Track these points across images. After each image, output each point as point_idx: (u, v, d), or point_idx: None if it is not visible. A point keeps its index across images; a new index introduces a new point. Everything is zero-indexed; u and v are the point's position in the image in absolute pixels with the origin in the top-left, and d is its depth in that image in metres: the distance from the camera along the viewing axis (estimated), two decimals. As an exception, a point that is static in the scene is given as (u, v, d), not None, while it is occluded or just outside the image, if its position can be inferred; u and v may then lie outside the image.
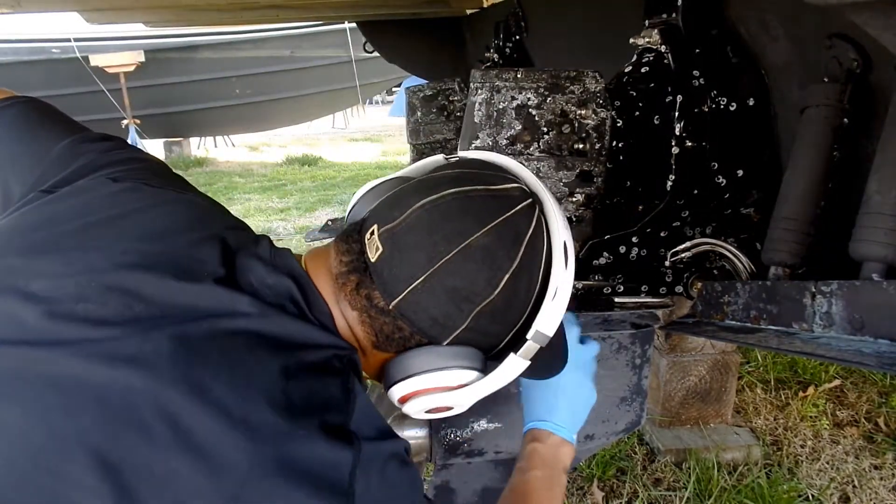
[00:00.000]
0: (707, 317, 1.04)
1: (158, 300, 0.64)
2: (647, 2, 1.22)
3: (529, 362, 0.75)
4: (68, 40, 6.70)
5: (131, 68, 6.76)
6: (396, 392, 0.76)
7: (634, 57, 1.24)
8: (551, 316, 0.74)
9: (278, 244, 0.77)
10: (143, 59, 6.85)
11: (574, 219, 1.13)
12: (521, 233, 0.71)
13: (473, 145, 1.08)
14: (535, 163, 1.08)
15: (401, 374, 0.74)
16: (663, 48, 1.18)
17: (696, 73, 1.13)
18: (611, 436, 1.21)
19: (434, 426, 1.12)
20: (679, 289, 1.16)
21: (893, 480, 2.11)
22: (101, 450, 0.56)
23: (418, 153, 2.80)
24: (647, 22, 1.22)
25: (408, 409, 0.77)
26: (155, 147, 8.24)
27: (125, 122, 6.85)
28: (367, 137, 11.23)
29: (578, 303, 1.15)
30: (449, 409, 0.78)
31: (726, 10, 1.12)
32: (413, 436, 1.11)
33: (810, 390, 2.58)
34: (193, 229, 0.74)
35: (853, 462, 2.19)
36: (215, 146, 9.85)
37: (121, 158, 0.83)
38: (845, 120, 0.90)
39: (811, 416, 2.43)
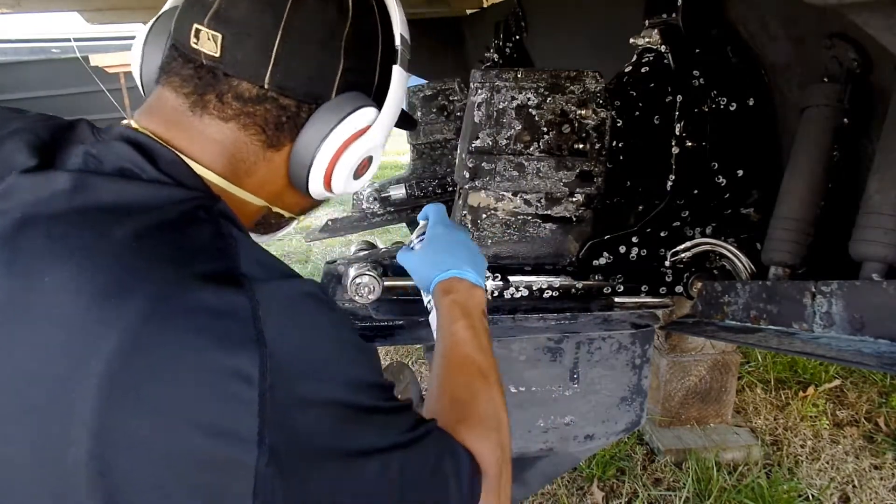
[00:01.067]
0: (707, 317, 1.04)
1: None
2: (647, 2, 1.22)
3: (411, 75, 0.74)
4: (68, 40, 6.71)
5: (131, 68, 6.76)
6: (317, 173, 0.70)
7: (634, 57, 1.24)
8: (402, 18, 0.74)
9: (278, 244, 0.75)
10: (142, 58, 6.85)
11: (574, 219, 1.13)
12: None
13: (473, 146, 1.08)
14: (535, 163, 1.08)
15: (311, 148, 0.69)
16: (663, 48, 1.18)
17: (696, 73, 1.13)
18: (611, 436, 1.21)
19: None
20: (679, 289, 1.16)
21: (893, 480, 2.11)
22: None
23: (418, 153, 2.80)
24: (647, 22, 1.22)
25: (337, 184, 0.72)
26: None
27: (125, 121, 6.85)
28: (367, 137, 11.19)
29: (579, 303, 1.15)
30: (368, 160, 0.75)
31: (726, 10, 1.12)
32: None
33: (810, 390, 2.58)
34: None
35: (853, 462, 2.19)
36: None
37: None
38: (845, 120, 0.90)
39: (811, 416, 2.43)
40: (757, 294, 0.93)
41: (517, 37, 2.35)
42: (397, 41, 0.73)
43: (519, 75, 1.06)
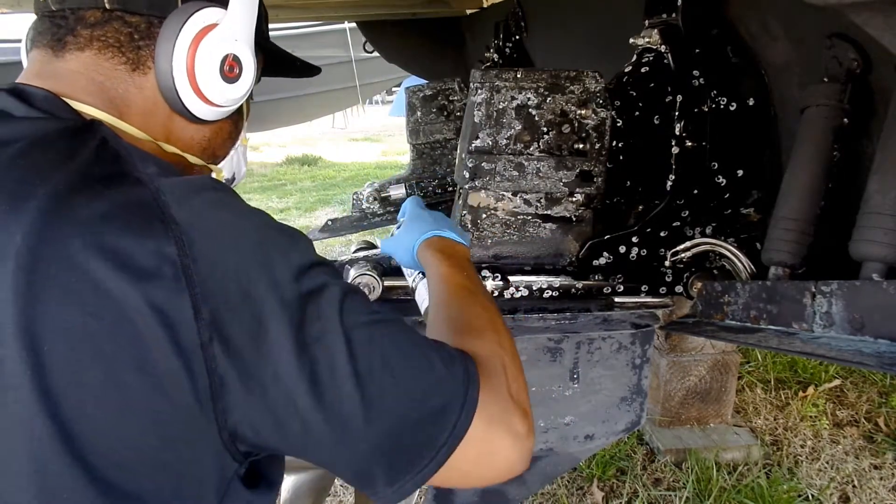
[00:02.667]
0: (707, 317, 1.04)
1: None
2: (647, 2, 1.22)
3: None
4: (68, 40, 6.69)
5: (131, 68, 6.76)
6: (181, 82, 0.68)
7: (634, 57, 1.24)
8: None
9: None
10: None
11: (574, 219, 1.13)
12: None
13: (473, 146, 1.08)
14: (535, 163, 1.08)
15: (167, 58, 0.67)
16: (663, 48, 1.18)
17: (696, 73, 1.13)
18: (611, 436, 1.21)
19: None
20: (679, 289, 1.16)
21: (893, 480, 2.11)
22: None
23: (418, 153, 2.80)
24: (647, 22, 1.22)
25: (211, 91, 0.69)
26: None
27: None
28: (367, 137, 11.24)
29: (579, 303, 1.15)
30: (237, 62, 0.71)
31: (726, 10, 1.12)
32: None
33: (810, 390, 2.58)
34: None
35: (853, 462, 2.19)
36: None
37: None
38: (845, 120, 0.90)
39: (811, 416, 2.43)
40: (757, 294, 0.93)
41: (517, 37, 2.35)
42: None
43: (519, 75, 1.06)
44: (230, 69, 0.71)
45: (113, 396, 0.50)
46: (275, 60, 0.86)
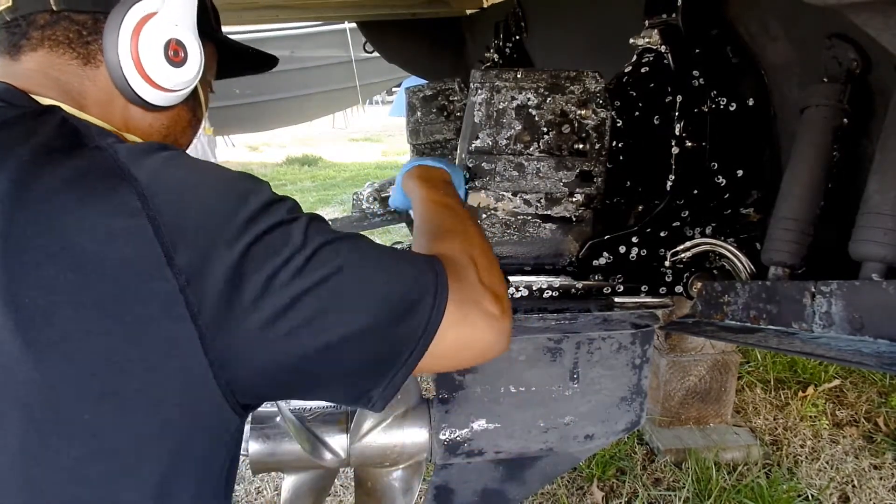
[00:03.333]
0: (707, 317, 1.04)
1: None
2: (647, 2, 1.22)
3: None
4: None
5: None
6: (129, 69, 0.71)
7: (634, 57, 1.24)
8: None
9: None
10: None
11: (574, 219, 1.13)
12: None
13: (473, 146, 1.08)
14: (535, 163, 1.08)
15: (113, 49, 0.70)
16: (663, 48, 1.18)
17: (696, 73, 1.13)
18: (611, 436, 1.21)
19: (434, 426, 1.12)
20: (679, 289, 1.16)
21: (893, 480, 2.11)
22: None
23: (418, 153, 2.80)
24: (647, 22, 1.22)
25: (159, 76, 0.72)
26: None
27: None
28: (367, 137, 11.24)
29: (579, 303, 1.15)
30: (178, 42, 0.73)
31: (726, 10, 1.12)
32: (413, 436, 1.11)
33: (810, 390, 2.58)
34: None
35: (853, 462, 2.19)
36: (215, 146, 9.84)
37: None
38: (845, 120, 0.90)
39: (811, 416, 2.43)
40: (757, 294, 0.93)
41: (517, 37, 2.35)
42: None
43: (519, 75, 1.06)
44: (175, 53, 0.73)
45: (96, 345, 0.52)
46: (230, 53, 0.89)
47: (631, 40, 1.24)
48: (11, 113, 0.62)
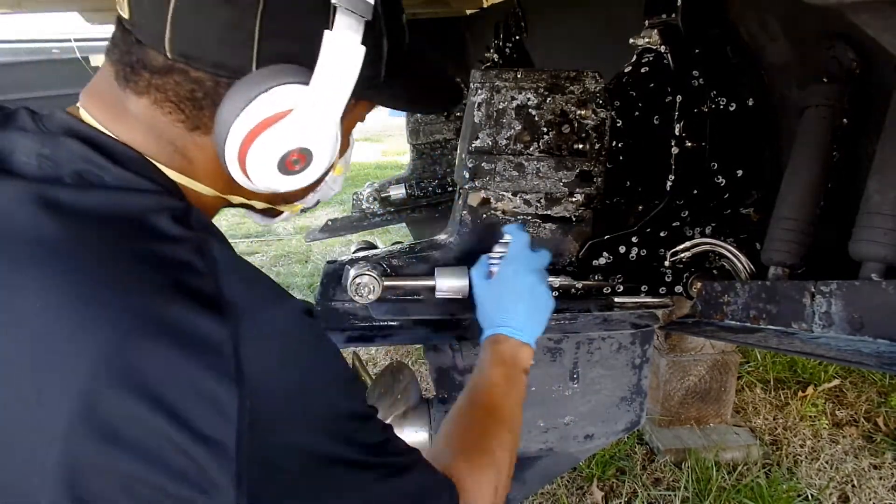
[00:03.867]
0: (707, 317, 1.04)
1: None
2: (647, 2, 1.22)
3: (364, 48, 0.58)
4: (68, 40, 6.69)
5: (131, 68, 6.75)
6: (230, 158, 0.59)
7: (634, 57, 1.24)
8: None
9: (278, 244, 0.71)
10: (142, 58, 6.85)
11: (574, 219, 1.13)
12: None
13: (473, 146, 1.08)
14: (535, 163, 1.09)
15: (221, 135, 0.58)
16: (663, 48, 1.18)
17: (696, 73, 1.13)
18: (611, 436, 1.21)
19: (434, 426, 1.12)
20: (679, 289, 1.16)
21: (892, 480, 2.11)
22: None
23: (418, 153, 2.80)
24: (647, 22, 1.22)
25: (255, 173, 0.60)
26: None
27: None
28: (367, 137, 11.23)
29: (579, 303, 1.15)
30: (305, 155, 0.61)
31: (726, 10, 1.12)
32: (413, 436, 1.11)
33: (809, 390, 2.58)
34: None
35: (852, 462, 2.19)
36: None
37: None
38: (845, 120, 0.91)
39: (810, 416, 2.44)
40: (756, 294, 0.93)
41: (517, 37, 2.35)
42: None
43: (519, 75, 1.06)
44: (294, 161, 0.61)
45: None
46: (413, 88, 0.75)
47: (631, 40, 1.24)
48: (147, 203, 0.54)
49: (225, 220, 4.78)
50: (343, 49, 0.57)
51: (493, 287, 0.95)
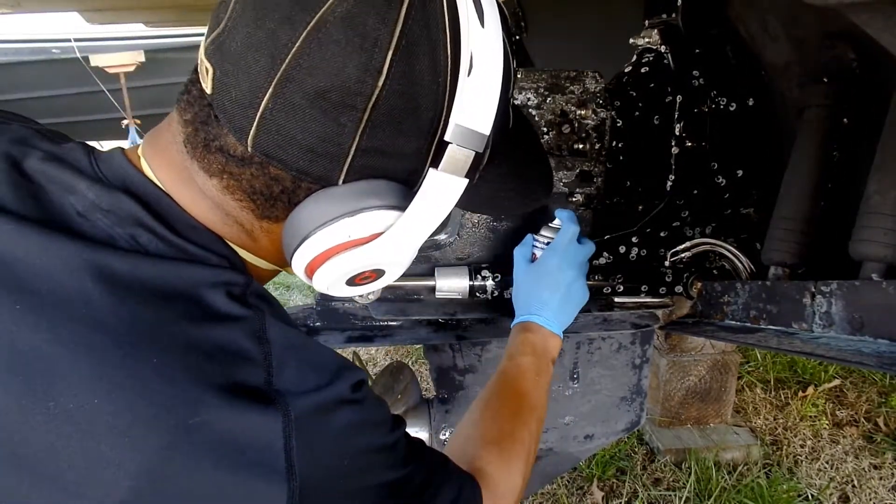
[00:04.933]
0: (707, 317, 1.04)
1: None
2: (647, 2, 1.22)
3: (467, 180, 0.54)
4: (68, 40, 6.70)
5: (131, 68, 6.75)
6: (298, 264, 0.56)
7: (634, 57, 1.24)
8: (475, 99, 0.51)
9: None
10: (143, 59, 6.85)
11: (574, 219, 1.13)
12: None
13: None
14: (535, 163, 1.08)
15: (295, 238, 0.54)
16: (663, 48, 1.18)
17: (696, 73, 1.13)
18: (611, 436, 1.21)
19: (434, 426, 1.12)
20: (679, 289, 1.16)
21: (893, 480, 2.11)
22: None
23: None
24: (647, 22, 1.22)
25: (321, 283, 0.57)
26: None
27: (125, 122, 6.84)
28: (367, 137, 11.22)
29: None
30: (377, 273, 0.59)
31: (726, 10, 1.13)
32: (413, 436, 1.11)
33: (810, 390, 2.58)
34: None
35: (853, 462, 2.19)
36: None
37: None
38: (845, 120, 0.91)
39: (811, 416, 2.43)
40: (757, 294, 0.93)
41: (517, 37, 2.35)
42: (449, 131, 0.52)
43: (519, 75, 1.06)
44: (365, 278, 0.59)
45: None
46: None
47: (631, 40, 1.24)
48: (204, 277, 0.52)
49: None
50: (447, 181, 0.54)
51: (532, 273, 0.95)
